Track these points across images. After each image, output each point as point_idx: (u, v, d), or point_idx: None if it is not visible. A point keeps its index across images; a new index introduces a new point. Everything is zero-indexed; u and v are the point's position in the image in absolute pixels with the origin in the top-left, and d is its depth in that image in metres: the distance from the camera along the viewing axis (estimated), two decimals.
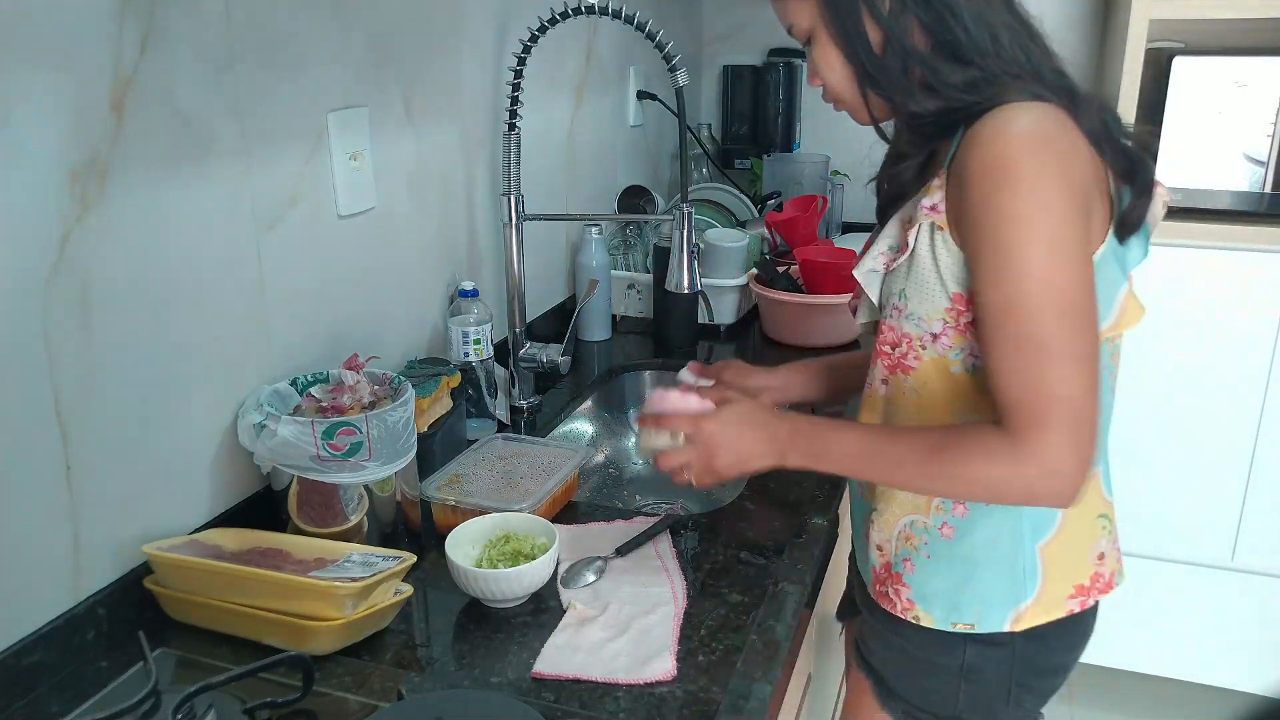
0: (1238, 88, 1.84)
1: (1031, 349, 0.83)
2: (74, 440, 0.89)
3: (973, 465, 0.85)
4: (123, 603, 0.95)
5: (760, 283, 1.85)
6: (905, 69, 0.91)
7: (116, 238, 0.91)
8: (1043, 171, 0.82)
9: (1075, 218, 0.84)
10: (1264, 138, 1.85)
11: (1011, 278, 0.83)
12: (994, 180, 0.83)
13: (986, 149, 0.84)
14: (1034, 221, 0.82)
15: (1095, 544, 1.01)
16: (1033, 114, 0.84)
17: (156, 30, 0.93)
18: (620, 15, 1.34)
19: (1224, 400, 1.99)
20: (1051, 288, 0.82)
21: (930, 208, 0.90)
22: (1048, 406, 0.82)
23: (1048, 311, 0.82)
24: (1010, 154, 0.83)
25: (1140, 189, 0.90)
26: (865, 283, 1.00)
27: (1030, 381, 0.83)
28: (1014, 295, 0.83)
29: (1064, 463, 0.82)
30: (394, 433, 1.04)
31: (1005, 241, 0.83)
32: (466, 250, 1.52)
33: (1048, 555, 0.98)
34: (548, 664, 0.91)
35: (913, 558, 1.02)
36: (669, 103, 2.17)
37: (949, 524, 0.99)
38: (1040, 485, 0.84)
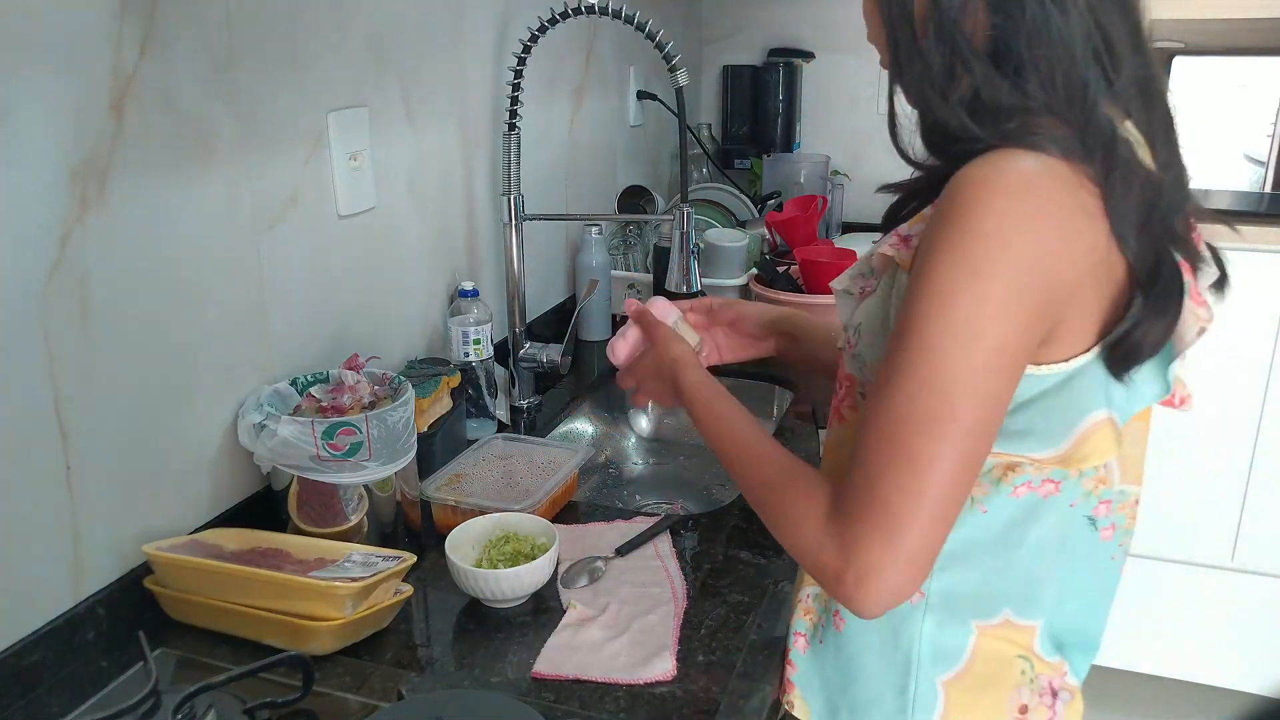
0: (1238, 88, 1.84)
1: (883, 442, 0.69)
2: (74, 440, 0.89)
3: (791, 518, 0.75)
4: (123, 603, 0.95)
5: (760, 283, 1.85)
6: (943, 60, 0.73)
7: (116, 238, 0.91)
8: (997, 241, 0.66)
9: (1017, 312, 0.67)
10: (1264, 138, 1.86)
11: (906, 350, 0.68)
12: (942, 231, 0.68)
13: (956, 190, 0.68)
14: (960, 298, 0.66)
15: (1012, 692, 0.82)
16: (1028, 168, 0.67)
17: (156, 30, 0.93)
18: (620, 15, 1.34)
19: (1224, 400, 1.99)
20: (937, 390, 0.67)
21: (902, 238, 0.78)
22: (871, 504, 0.69)
23: (917, 411, 0.68)
24: (970, 207, 0.67)
25: (1156, 307, 0.71)
26: (837, 302, 0.88)
27: (868, 473, 0.69)
28: (899, 371, 0.69)
29: (865, 564, 0.68)
30: (394, 433, 1.04)
31: (921, 307, 0.68)
32: (466, 250, 1.52)
33: (953, 694, 0.82)
34: (548, 664, 0.91)
35: (807, 634, 0.90)
36: (669, 103, 2.17)
37: (841, 613, 0.86)
38: (829, 567, 0.70)
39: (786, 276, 1.87)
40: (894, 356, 0.69)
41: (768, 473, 0.79)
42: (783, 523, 0.76)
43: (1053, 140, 0.68)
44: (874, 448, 0.69)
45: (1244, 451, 2.02)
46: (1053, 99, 0.70)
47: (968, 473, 0.69)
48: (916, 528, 0.68)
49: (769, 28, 2.53)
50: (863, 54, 2.48)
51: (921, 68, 0.74)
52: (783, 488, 0.76)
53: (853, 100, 2.52)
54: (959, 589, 0.80)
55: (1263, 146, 1.85)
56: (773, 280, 1.85)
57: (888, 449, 0.69)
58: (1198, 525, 2.10)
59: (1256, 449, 2.01)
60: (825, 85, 2.52)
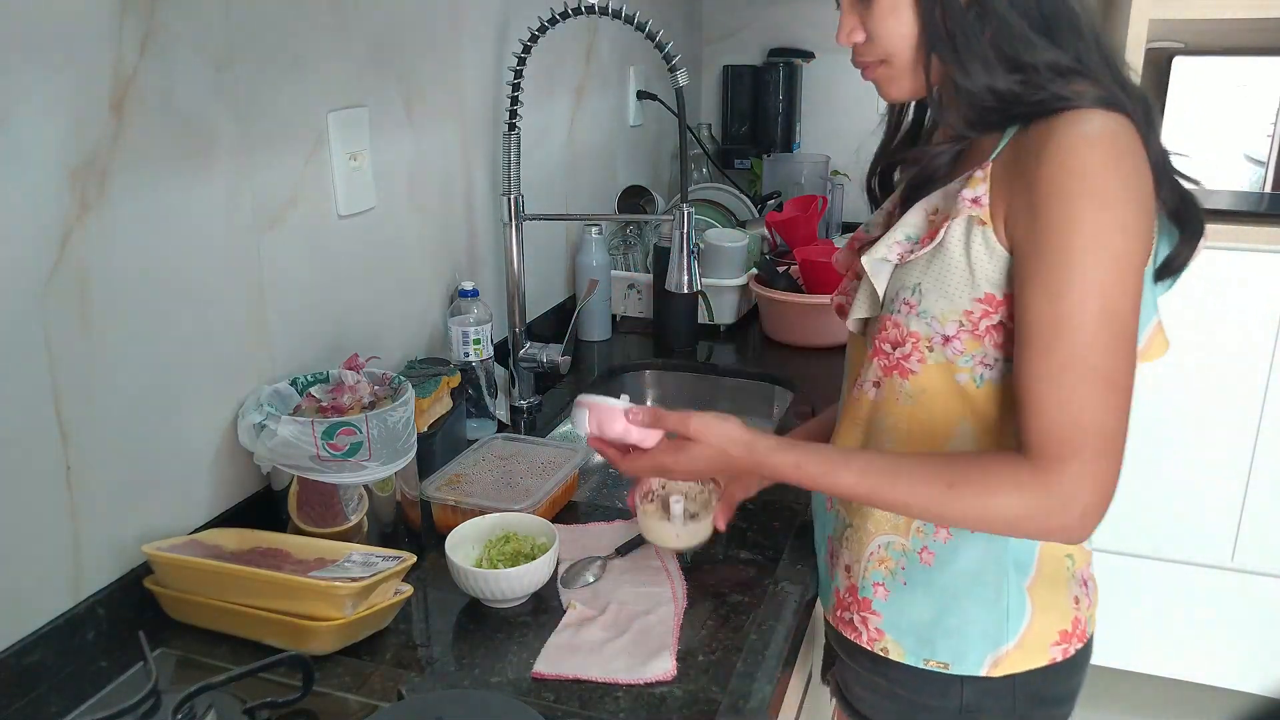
0: (1238, 88, 1.84)
1: (1080, 375, 0.77)
2: (74, 440, 0.89)
3: (999, 498, 0.79)
4: (123, 603, 0.95)
5: (760, 283, 1.85)
6: (993, 30, 0.81)
7: (116, 238, 0.91)
8: (1124, 189, 0.77)
9: (1144, 242, 0.80)
10: (1264, 138, 1.85)
11: (1074, 295, 0.77)
12: (1072, 191, 0.77)
13: (1066, 157, 0.77)
14: (1110, 241, 0.77)
15: (1069, 586, 0.94)
16: (1112, 125, 0.78)
17: (156, 30, 0.93)
18: (620, 15, 1.34)
19: (1224, 400, 1.99)
20: (1112, 313, 0.77)
21: (973, 200, 0.84)
22: (1084, 438, 0.77)
23: (1103, 337, 0.77)
24: (1092, 166, 0.77)
25: (1190, 234, 0.86)
26: (873, 271, 0.91)
27: (1072, 410, 0.77)
28: (1072, 314, 0.77)
29: (1090, 496, 0.77)
30: (394, 433, 1.04)
31: (1075, 256, 0.77)
32: (466, 250, 1.52)
33: (1035, 596, 0.92)
34: (548, 664, 0.91)
35: (886, 582, 0.95)
36: (669, 103, 2.16)
37: (930, 549, 0.92)
38: (1059, 518, 0.78)
39: (786, 276, 1.87)
40: (1057, 305, 0.77)
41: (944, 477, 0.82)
42: (994, 505, 0.80)
43: (1111, 100, 0.79)
44: (1066, 390, 0.77)
45: (1244, 451, 2.02)
46: (1094, 59, 0.82)
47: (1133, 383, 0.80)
48: (1122, 440, 0.79)
49: (769, 28, 2.53)
50: None
51: (964, 43, 0.82)
52: (975, 478, 0.81)
53: (853, 100, 2.51)
54: None
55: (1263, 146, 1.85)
56: (773, 280, 1.85)
57: (1085, 382, 0.77)
58: (1198, 525, 2.10)
59: (1256, 449, 2.00)
60: (825, 85, 2.52)
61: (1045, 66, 0.81)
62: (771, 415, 1.69)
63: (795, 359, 1.77)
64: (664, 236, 1.78)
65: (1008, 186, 0.82)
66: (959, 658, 0.93)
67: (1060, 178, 0.77)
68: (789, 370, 1.71)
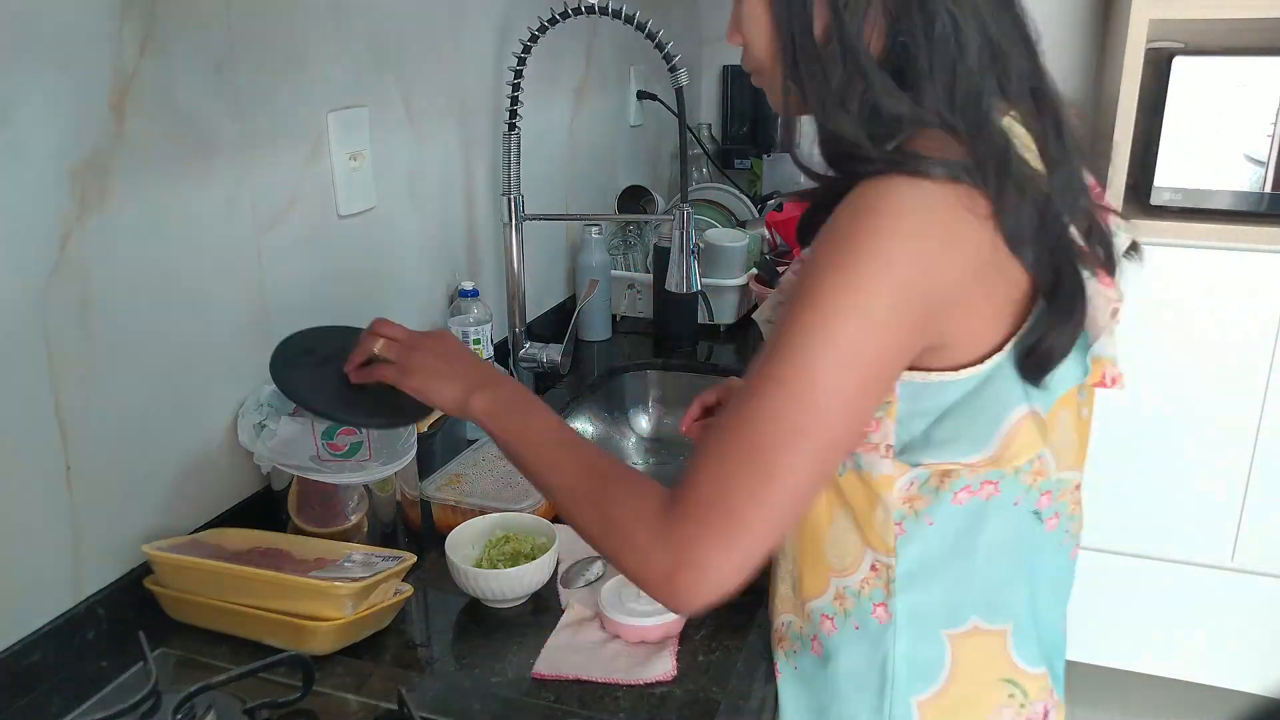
0: (1238, 88, 1.84)
1: (742, 452, 0.68)
2: (74, 440, 0.89)
3: (618, 511, 0.72)
4: (123, 603, 0.95)
5: (760, 283, 1.85)
6: (843, 72, 0.72)
7: (116, 238, 0.91)
8: (883, 271, 0.66)
9: (897, 329, 0.68)
10: (1264, 138, 1.85)
11: (781, 361, 0.67)
12: (828, 250, 0.68)
13: (843, 213, 0.69)
14: (838, 326, 0.66)
15: (995, 715, 0.82)
16: (910, 192, 0.67)
17: (156, 30, 0.93)
18: (620, 15, 1.34)
19: (1224, 400, 1.99)
20: (806, 404, 0.66)
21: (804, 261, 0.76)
22: (715, 506, 0.67)
23: (784, 425, 0.67)
24: (856, 228, 0.68)
25: (1058, 315, 0.72)
26: (765, 332, 0.86)
27: (719, 479, 0.68)
28: (771, 380, 0.67)
29: (695, 569, 0.68)
30: (394, 433, 1.04)
31: (802, 321, 0.67)
32: (466, 250, 1.52)
33: (927, 716, 0.82)
34: (548, 664, 0.91)
35: (782, 665, 0.91)
36: (669, 103, 2.16)
37: (819, 638, 0.85)
38: (657, 567, 0.69)
39: None
40: (767, 366, 0.68)
41: (586, 477, 0.76)
42: (608, 527, 0.73)
43: (942, 165, 0.67)
44: (728, 453, 0.68)
45: (1244, 451, 2.02)
46: (947, 112, 0.70)
47: (818, 486, 0.72)
48: (758, 534, 0.68)
49: None
50: None
51: (822, 78, 0.73)
52: (603, 494, 0.74)
53: None
54: (923, 606, 0.80)
55: (1263, 146, 1.85)
56: (773, 280, 1.85)
57: (745, 455, 0.67)
58: (1198, 525, 2.10)
59: (1256, 449, 2.00)
60: None
61: (892, 119, 0.70)
62: None
63: None
64: (664, 236, 1.78)
65: None
66: None
67: (822, 242, 0.69)
68: None
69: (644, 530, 0.70)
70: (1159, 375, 2.01)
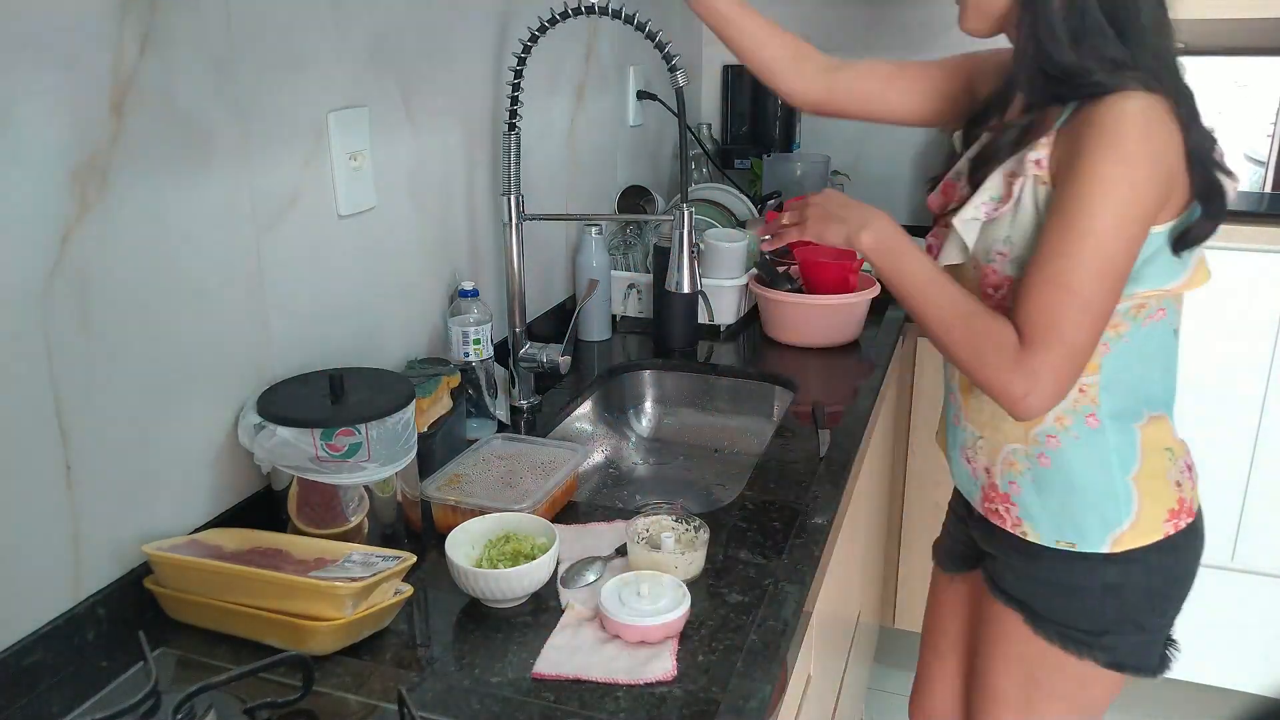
0: (1238, 88, 1.84)
1: (1063, 290, 0.99)
2: (74, 440, 0.89)
3: (984, 344, 1.04)
4: (123, 603, 0.95)
5: (760, 283, 1.85)
6: (1080, 21, 1.01)
7: (116, 238, 0.91)
8: (1142, 154, 0.97)
9: (1151, 199, 0.99)
10: (1264, 138, 1.85)
11: (1076, 228, 0.98)
12: (1100, 147, 0.98)
13: (1104, 122, 0.98)
14: (1118, 192, 0.97)
15: (1170, 473, 1.15)
16: (1148, 104, 0.98)
17: (156, 30, 0.93)
18: (620, 15, 1.34)
19: (1224, 400, 1.99)
20: (1103, 250, 0.98)
21: (1035, 162, 1.05)
22: (1053, 341, 1.00)
23: (1091, 268, 0.99)
24: (1120, 129, 0.97)
25: (1209, 215, 1.04)
26: (964, 230, 1.12)
27: (1049, 316, 1.00)
28: (1070, 242, 0.99)
29: (1046, 386, 1.01)
30: (394, 433, 1.04)
31: (1086, 198, 0.98)
32: (466, 250, 1.52)
33: (1140, 485, 1.13)
34: (548, 664, 0.91)
35: (1018, 480, 1.17)
36: (669, 103, 2.16)
37: (1045, 455, 1.14)
38: (1016, 388, 1.02)
39: (786, 276, 1.87)
40: (1066, 233, 0.99)
41: (955, 313, 1.07)
42: (974, 356, 1.05)
43: (1147, 84, 0.99)
44: (1054, 297, 0.99)
45: (1244, 451, 2.02)
46: (1150, 58, 1.02)
47: (1112, 310, 1.03)
48: (1085, 355, 1.02)
49: None
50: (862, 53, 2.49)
51: (1056, 27, 1.02)
52: (981, 323, 1.05)
53: None
54: (1118, 406, 1.12)
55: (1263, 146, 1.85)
56: (773, 280, 1.85)
57: (1067, 296, 0.99)
58: None
59: (1256, 449, 2.00)
60: None
61: (1106, 59, 1.00)
62: (771, 415, 1.69)
63: (795, 359, 1.77)
64: (664, 236, 1.78)
65: (1064, 151, 1.02)
66: (1083, 538, 1.14)
67: (1094, 137, 0.98)
68: (789, 370, 1.71)
69: (1006, 360, 1.02)
70: None
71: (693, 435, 1.72)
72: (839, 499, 1.25)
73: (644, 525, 1.10)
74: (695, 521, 1.10)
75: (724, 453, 1.67)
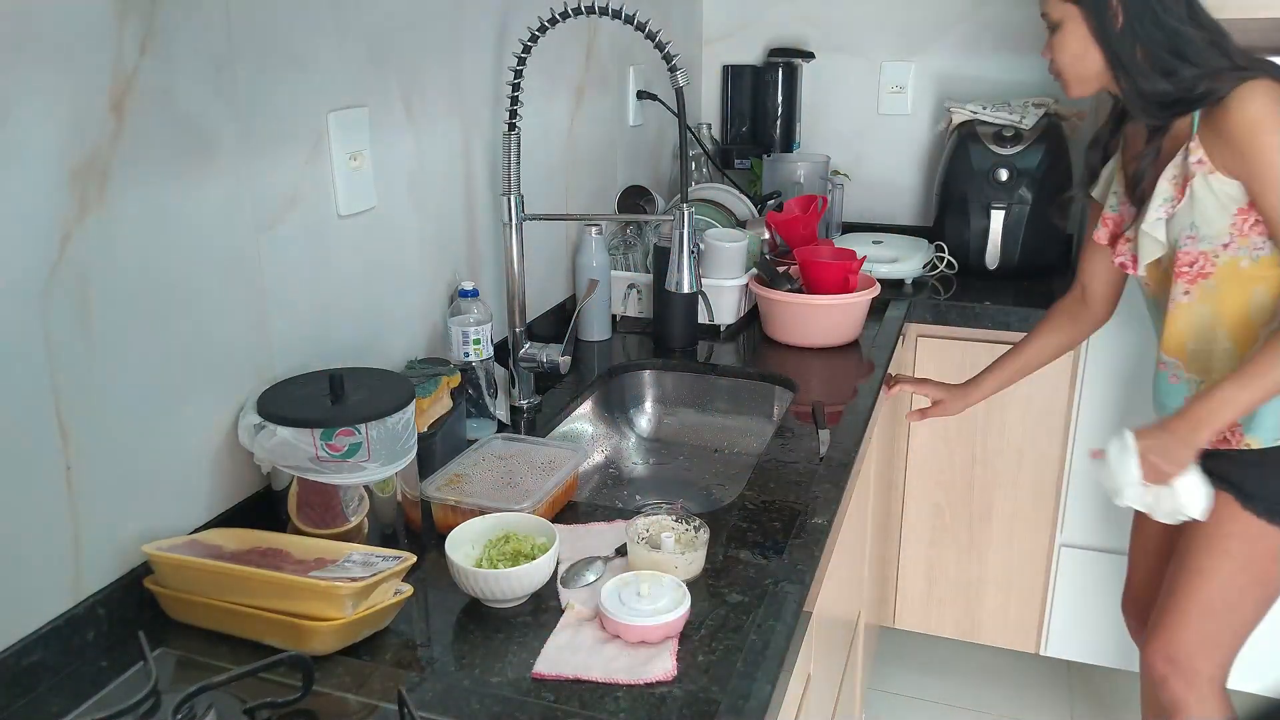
0: None
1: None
2: (74, 440, 0.89)
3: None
4: (123, 603, 0.95)
5: (760, 283, 1.85)
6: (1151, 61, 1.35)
7: (116, 238, 0.91)
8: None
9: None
10: None
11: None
12: (1259, 131, 1.29)
13: (1247, 112, 1.30)
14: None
15: None
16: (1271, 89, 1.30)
17: (156, 30, 0.93)
18: (620, 15, 1.34)
19: None
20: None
21: (1198, 161, 1.36)
22: None
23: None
24: (1265, 114, 1.29)
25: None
26: (1154, 230, 1.42)
27: None
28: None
29: None
30: (393, 433, 1.04)
31: (1274, 169, 1.29)
32: (466, 250, 1.52)
33: None
34: (548, 664, 0.91)
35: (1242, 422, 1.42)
36: (669, 103, 2.17)
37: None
38: None
39: (786, 276, 1.87)
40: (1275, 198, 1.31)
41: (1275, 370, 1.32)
42: None
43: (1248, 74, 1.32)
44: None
45: None
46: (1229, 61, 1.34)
47: None
48: None
49: (769, 28, 2.53)
50: (862, 54, 2.49)
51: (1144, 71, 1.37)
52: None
53: (853, 100, 2.52)
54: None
55: None
56: (773, 280, 1.85)
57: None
58: None
59: None
60: (825, 85, 2.52)
61: (1198, 73, 1.33)
62: (772, 415, 1.69)
63: (795, 359, 1.77)
64: (664, 236, 1.78)
65: (1212, 145, 1.34)
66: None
67: (1248, 125, 1.30)
68: (789, 370, 1.71)
69: None
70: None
71: (693, 435, 1.72)
72: (839, 499, 1.25)
73: (644, 525, 1.10)
74: (695, 521, 1.10)
75: (724, 453, 1.67)
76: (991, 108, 2.20)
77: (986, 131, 2.17)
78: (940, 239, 2.25)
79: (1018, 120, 2.15)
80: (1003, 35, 2.36)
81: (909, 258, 2.16)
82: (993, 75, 2.39)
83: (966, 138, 2.19)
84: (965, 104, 2.24)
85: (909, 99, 2.47)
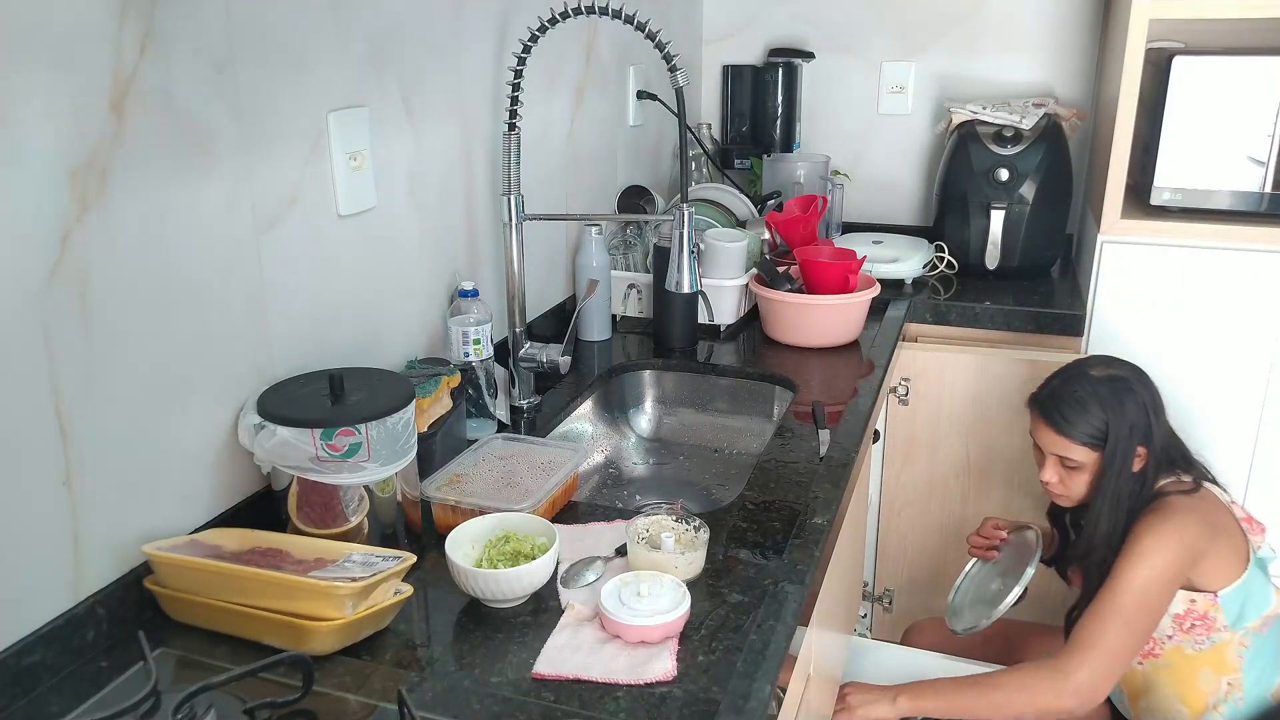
0: (1238, 88, 1.84)
1: (1110, 617, 1.42)
2: (74, 440, 0.89)
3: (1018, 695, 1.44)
4: (123, 603, 0.95)
5: (760, 283, 1.85)
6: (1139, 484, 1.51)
7: (116, 238, 0.91)
8: (1166, 535, 1.43)
9: (1179, 562, 1.42)
10: (1264, 138, 1.85)
11: (1124, 582, 1.42)
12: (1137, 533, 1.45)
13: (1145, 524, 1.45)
14: (1150, 557, 1.42)
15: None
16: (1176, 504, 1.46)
17: (156, 30, 0.93)
18: (620, 15, 1.34)
19: (1224, 400, 1.99)
20: (1136, 597, 1.41)
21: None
22: (1097, 651, 1.40)
23: (1130, 608, 1.41)
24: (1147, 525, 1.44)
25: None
26: None
27: (1094, 632, 1.42)
28: (1118, 594, 1.42)
29: (1090, 688, 1.40)
30: (393, 433, 1.04)
31: (1131, 564, 1.43)
32: (466, 250, 1.52)
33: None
34: (548, 664, 0.91)
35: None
36: (669, 103, 2.17)
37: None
38: (1067, 696, 1.40)
39: (786, 276, 1.87)
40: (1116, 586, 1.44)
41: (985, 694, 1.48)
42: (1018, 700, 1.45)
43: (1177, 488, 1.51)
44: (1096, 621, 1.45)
45: (1244, 451, 2.01)
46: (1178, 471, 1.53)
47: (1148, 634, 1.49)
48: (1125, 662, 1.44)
49: (769, 28, 2.53)
50: (862, 54, 2.49)
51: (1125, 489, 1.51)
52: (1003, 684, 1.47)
53: (853, 100, 2.52)
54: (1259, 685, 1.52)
55: (1263, 146, 1.85)
56: (773, 280, 1.85)
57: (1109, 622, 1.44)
58: None
59: (1257, 449, 2.00)
60: (825, 85, 2.52)
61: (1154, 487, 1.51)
62: (772, 415, 1.69)
63: (795, 359, 1.77)
64: (664, 236, 1.78)
65: None
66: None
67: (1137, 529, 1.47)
68: (789, 370, 1.71)
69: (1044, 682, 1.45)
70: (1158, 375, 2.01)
71: (693, 435, 1.72)
72: (839, 499, 1.25)
73: (644, 525, 1.10)
74: (695, 521, 1.10)
75: (724, 453, 1.67)
76: (991, 108, 2.20)
77: (986, 131, 2.17)
78: (940, 239, 2.25)
79: (1018, 120, 2.15)
80: (1003, 35, 2.36)
81: (909, 258, 2.16)
82: (993, 75, 2.39)
83: (966, 138, 2.19)
84: (965, 104, 2.24)
85: (909, 99, 2.47)
